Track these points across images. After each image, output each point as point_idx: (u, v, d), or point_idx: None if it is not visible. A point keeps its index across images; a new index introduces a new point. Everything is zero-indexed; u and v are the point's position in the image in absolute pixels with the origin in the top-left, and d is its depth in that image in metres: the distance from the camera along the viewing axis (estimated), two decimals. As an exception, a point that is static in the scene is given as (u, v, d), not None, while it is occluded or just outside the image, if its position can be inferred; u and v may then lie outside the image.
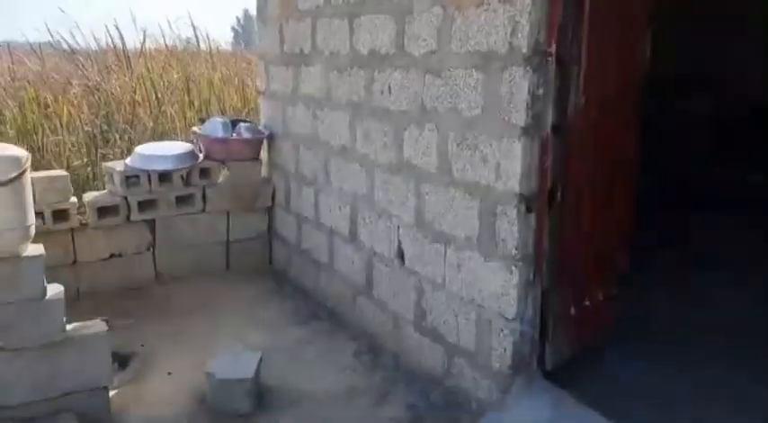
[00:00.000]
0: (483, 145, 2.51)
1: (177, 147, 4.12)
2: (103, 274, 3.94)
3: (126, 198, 3.92)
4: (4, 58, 7.11)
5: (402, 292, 3.09)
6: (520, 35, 2.30)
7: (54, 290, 2.41)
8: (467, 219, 2.63)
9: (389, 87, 3.05)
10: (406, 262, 3.05)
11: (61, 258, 3.81)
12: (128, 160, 4.00)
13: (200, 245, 4.21)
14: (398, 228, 3.09)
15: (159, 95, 6.14)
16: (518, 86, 2.33)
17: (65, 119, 5.67)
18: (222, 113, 5.70)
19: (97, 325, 2.53)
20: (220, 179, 4.23)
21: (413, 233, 2.98)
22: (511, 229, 2.41)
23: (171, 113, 5.94)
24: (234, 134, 4.18)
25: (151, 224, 4.05)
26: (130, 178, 3.93)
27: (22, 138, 5.61)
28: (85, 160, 5.32)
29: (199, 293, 3.98)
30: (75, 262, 3.87)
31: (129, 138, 5.82)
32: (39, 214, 3.65)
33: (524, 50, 2.29)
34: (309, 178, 3.91)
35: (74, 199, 3.82)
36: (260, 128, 4.37)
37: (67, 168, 5.02)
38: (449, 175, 2.71)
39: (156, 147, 4.13)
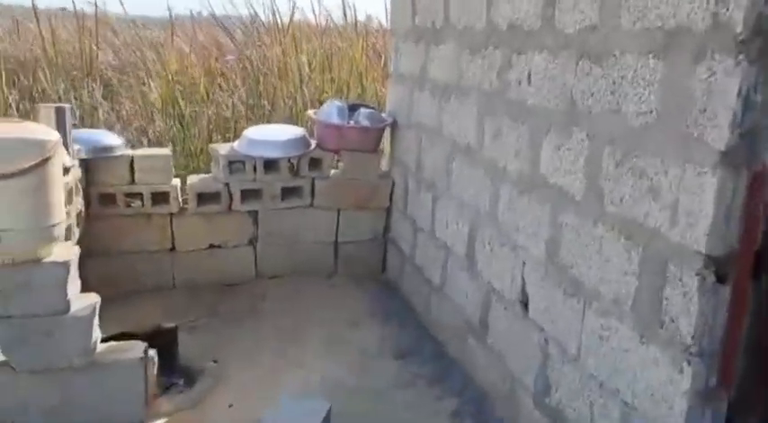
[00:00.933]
0: (653, 169, 1.68)
1: (288, 132, 3.64)
2: (201, 264, 3.59)
3: (228, 185, 3.51)
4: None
5: (522, 349, 2.34)
6: (732, 4, 1.43)
7: (83, 303, 1.99)
8: (619, 273, 1.82)
9: (529, 76, 2.27)
10: (530, 311, 2.29)
11: (158, 243, 3.51)
12: (235, 143, 3.58)
13: (305, 243, 3.73)
14: (524, 264, 2.33)
15: (302, 72, 5.77)
16: (721, 86, 1.46)
17: (215, 90, 5.51)
18: (361, 96, 5.18)
19: (134, 348, 2.09)
20: (333, 171, 3.69)
21: (542, 275, 2.21)
22: (687, 303, 1.57)
23: (308, 92, 5.54)
24: (351, 121, 3.60)
25: (254, 216, 3.63)
26: (234, 164, 3.52)
27: (164, 108, 5.54)
28: (229, 135, 5.10)
29: (296, 299, 3.49)
30: (173, 249, 3.55)
31: (267, 114, 5.53)
32: (138, 195, 3.39)
33: (738, 29, 1.41)
34: (429, 180, 3.23)
35: (176, 181, 3.49)
36: (383, 115, 3.76)
37: (209, 142, 4.84)
38: (598, 206, 1.90)
39: (265, 130, 3.68)
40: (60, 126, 3.03)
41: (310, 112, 3.75)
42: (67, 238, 2.91)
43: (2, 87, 5.31)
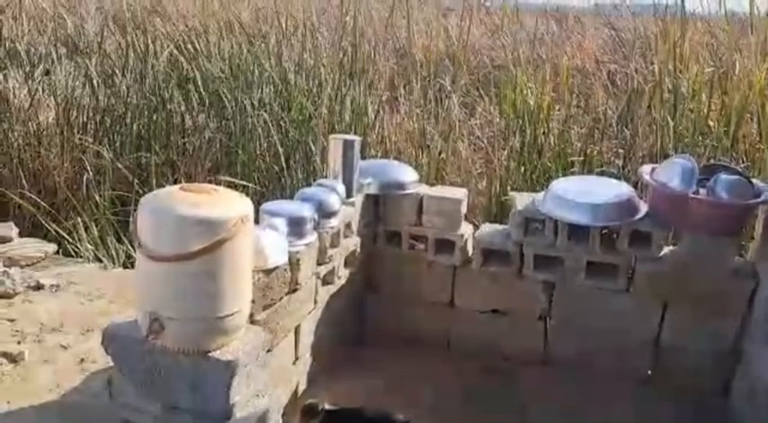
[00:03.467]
0: None
1: (610, 191, 2.79)
2: (480, 329, 3.07)
3: (521, 247, 2.89)
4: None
5: None
6: None
7: (255, 409, 1.68)
8: None
9: None
10: None
11: (437, 295, 3.12)
12: (538, 196, 2.92)
13: (612, 334, 2.86)
14: None
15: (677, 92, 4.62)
16: None
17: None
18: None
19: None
20: (663, 252, 2.72)
21: None
22: None
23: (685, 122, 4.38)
24: (701, 189, 2.57)
25: (549, 288, 2.93)
26: (532, 222, 2.86)
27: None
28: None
29: (581, 406, 2.70)
30: (452, 304, 3.12)
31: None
32: (423, 238, 3.04)
33: None
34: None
35: (467, 229, 3.03)
36: (758, 185, 2.59)
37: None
38: None
39: (580, 185, 2.90)
40: (347, 160, 2.86)
41: (644, 169, 2.81)
42: (330, 282, 2.76)
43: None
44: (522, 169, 4.63)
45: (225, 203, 1.63)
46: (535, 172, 4.67)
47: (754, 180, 2.64)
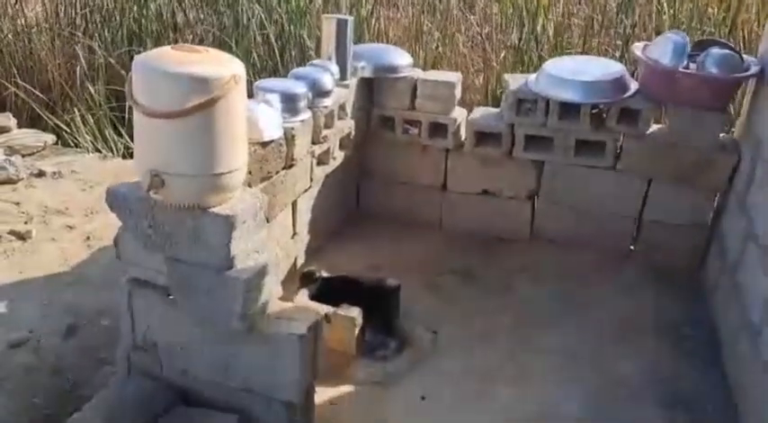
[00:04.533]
0: None
1: (600, 70, 2.80)
2: (471, 210, 3.18)
3: (513, 127, 2.93)
4: None
5: None
6: None
7: (253, 263, 1.79)
8: None
9: None
10: None
11: (430, 179, 3.20)
12: (531, 77, 2.93)
13: (597, 211, 2.97)
14: None
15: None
16: None
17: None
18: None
19: (302, 321, 1.84)
20: (651, 129, 2.77)
21: None
22: None
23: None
24: (691, 63, 2.58)
25: (539, 167, 3.00)
26: (524, 103, 2.90)
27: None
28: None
29: (565, 281, 2.84)
30: (444, 187, 3.20)
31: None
32: (417, 123, 3.09)
33: None
34: (782, 173, 2.14)
35: (459, 113, 3.07)
36: (748, 60, 2.61)
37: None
38: None
39: (572, 64, 2.90)
40: (340, 40, 2.85)
41: (637, 45, 2.81)
42: (325, 162, 2.83)
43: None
44: (520, 68, 4.60)
45: (217, 62, 1.65)
46: (532, 67, 4.64)
47: (744, 55, 2.65)
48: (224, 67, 1.64)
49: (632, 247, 2.99)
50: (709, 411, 2.14)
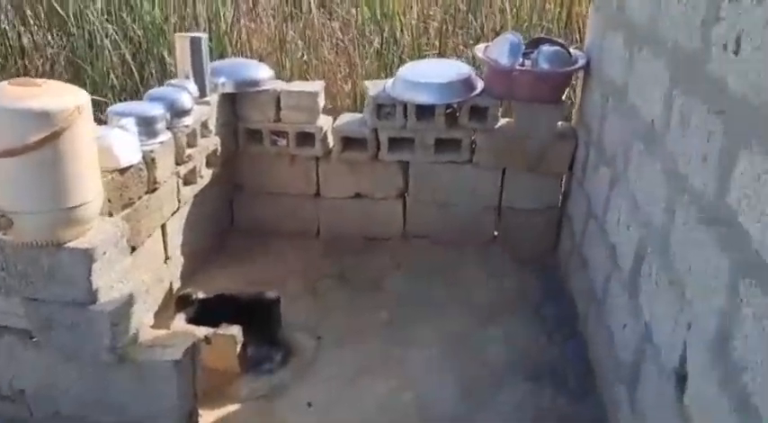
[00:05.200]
0: None
1: (450, 72, 2.99)
2: (345, 214, 3.27)
3: (376, 131, 3.06)
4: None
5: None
6: None
7: (117, 294, 1.77)
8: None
9: (738, 40, 1.36)
10: (686, 398, 1.53)
11: (303, 188, 3.26)
12: (388, 82, 3.07)
13: (461, 204, 3.16)
14: (689, 326, 1.54)
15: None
16: None
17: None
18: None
19: (176, 346, 1.85)
20: (500, 123, 3.00)
21: (707, 360, 1.43)
22: None
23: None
24: (526, 61, 2.82)
25: (404, 167, 3.15)
26: (384, 107, 3.03)
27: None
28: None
29: (435, 272, 3.00)
30: (318, 194, 3.28)
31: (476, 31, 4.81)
32: (284, 133, 3.13)
33: None
34: (609, 155, 2.40)
35: (325, 121, 3.15)
36: (576, 55, 2.88)
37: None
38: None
39: (424, 69, 3.08)
40: (195, 58, 2.85)
41: (479, 47, 3.03)
42: (192, 181, 2.82)
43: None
44: (384, 71, 4.75)
45: (58, 94, 1.63)
46: (394, 70, 4.81)
47: (572, 50, 2.93)
48: (66, 98, 1.62)
49: (496, 234, 3.21)
50: (570, 381, 2.35)
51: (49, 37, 4.78)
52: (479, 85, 2.96)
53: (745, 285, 1.26)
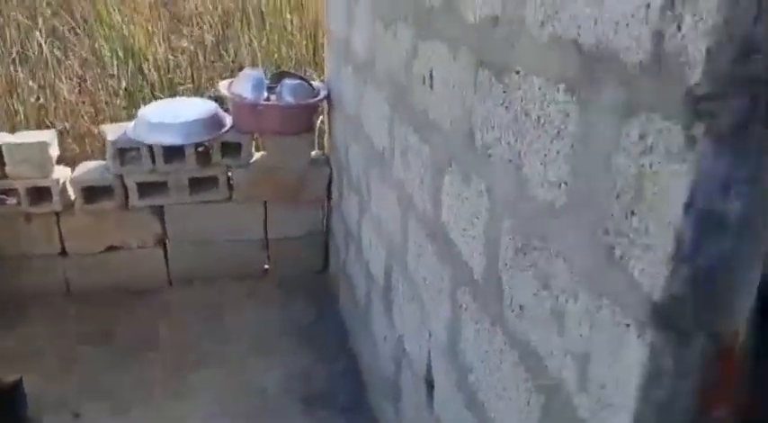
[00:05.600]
0: (559, 282, 0.99)
1: (195, 110, 2.94)
2: (99, 270, 3.03)
3: (122, 178, 2.89)
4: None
5: (424, 448, 1.73)
6: (691, 18, 0.69)
7: None
8: (518, 414, 1.16)
9: (431, 75, 1.53)
10: (435, 401, 1.66)
11: (44, 247, 2.96)
12: (130, 125, 2.92)
13: (227, 241, 3.11)
14: (429, 336, 1.68)
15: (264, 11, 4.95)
16: (661, 178, 0.75)
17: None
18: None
19: None
20: (255, 157, 3.02)
21: (445, 363, 1.57)
22: None
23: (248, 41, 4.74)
24: (271, 96, 2.89)
25: (159, 212, 3.01)
26: (127, 152, 2.87)
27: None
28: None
29: (208, 313, 2.92)
30: (63, 252, 2.99)
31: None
32: (13, 191, 2.82)
33: (694, 75, 0.68)
34: (355, 181, 2.55)
35: (61, 173, 2.89)
36: (318, 87, 3.01)
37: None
38: (497, 301, 1.22)
39: (168, 108, 2.99)
40: None
41: (222, 84, 3.03)
42: None
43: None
44: (134, 109, 4.51)
45: None
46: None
47: (314, 82, 3.05)
48: None
49: (267, 267, 3.21)
50: (340, 399, 2.43)
51: None
52: (228, 121, 2.95)
53: (461, 293, 1.41)
